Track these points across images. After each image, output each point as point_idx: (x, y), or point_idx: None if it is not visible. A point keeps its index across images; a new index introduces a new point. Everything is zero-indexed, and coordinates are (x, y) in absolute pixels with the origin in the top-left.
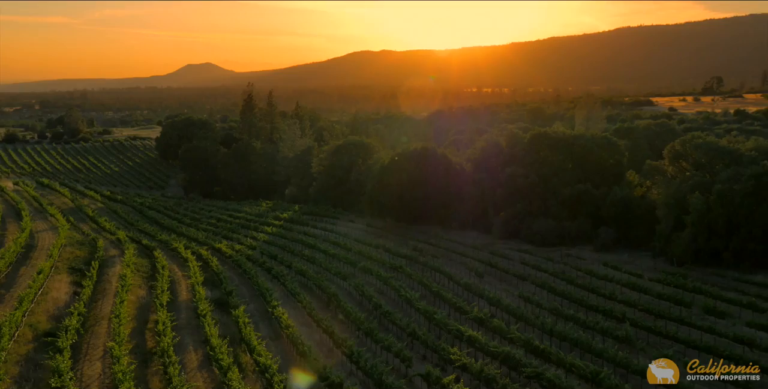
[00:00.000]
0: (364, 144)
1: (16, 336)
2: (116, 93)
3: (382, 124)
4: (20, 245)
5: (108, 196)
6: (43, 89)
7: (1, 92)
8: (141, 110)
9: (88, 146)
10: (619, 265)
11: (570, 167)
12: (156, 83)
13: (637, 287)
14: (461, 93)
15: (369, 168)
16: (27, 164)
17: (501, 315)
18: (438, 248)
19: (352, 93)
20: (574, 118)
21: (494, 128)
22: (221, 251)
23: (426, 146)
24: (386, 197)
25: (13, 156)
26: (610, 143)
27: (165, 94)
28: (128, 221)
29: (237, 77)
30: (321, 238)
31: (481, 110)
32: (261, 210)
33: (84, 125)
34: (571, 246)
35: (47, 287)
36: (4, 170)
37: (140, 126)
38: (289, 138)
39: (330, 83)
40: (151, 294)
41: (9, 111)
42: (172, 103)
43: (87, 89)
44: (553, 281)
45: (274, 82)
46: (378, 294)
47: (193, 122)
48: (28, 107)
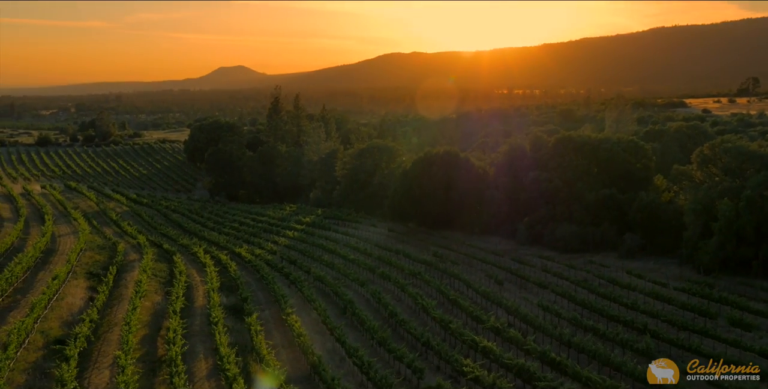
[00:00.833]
0: (387, 148)
1: (27, 343)
2: (150, 96)
3: (411, 126)
4: (39, 250)
5: (134, 199)
6: (79, 92)
7: (39, 96)
8: (173, 113)
9: (118, 149)
10: (643, 273)
11: (595, 171)
12: (189, 86)
13: (661, 296)
14: (492, 94)
15: (392, 172)
16: (58, 166)
17: (519, 325)
18: (459, 254)
19: (383, 95)
20: (604, 120)
21: (522, 130)
22: (241, 255)
23: (448, 149)
24: (408, 201)
25: (45, 159)
26: (636, 146)
27: (197, 96)
28: (151, 224)
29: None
30: (342, 243)
31: (511, 112)
32: (284, 214)
33: (115, 128)
34: (595, 253)
35: (63, 293)
36: (34, 173)
37: (171, 129)
38: (314, 141)
39: (361, 85)
40: (167, 300)
41: (46, 114)
42: (204, 105)
43: (122, 92)
44: (574, 290)
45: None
46: (395, 301)
47: (221, 125)
48: (65, 110)
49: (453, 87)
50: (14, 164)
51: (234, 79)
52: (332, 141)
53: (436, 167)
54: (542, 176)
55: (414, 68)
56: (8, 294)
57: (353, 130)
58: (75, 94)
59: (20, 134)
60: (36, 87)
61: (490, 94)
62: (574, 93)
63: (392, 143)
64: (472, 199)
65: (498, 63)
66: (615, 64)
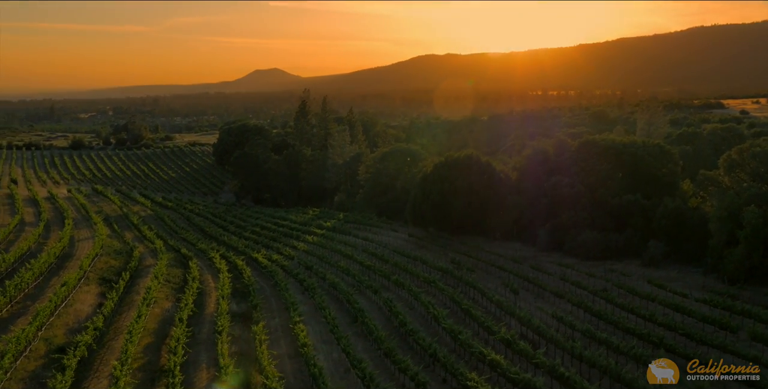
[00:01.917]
0: (410, 151)
1: (28, 351)
2: (186, 99)
3: (441, 128)
4: (53, 256)
5: (159, 202)
6: (118, 95)
7: (79, 99)
8: (208, 116)
9: (149, 152)
10: (665, 283)
11: (620, 176)
12: (225, 89)
13: (681, 308)
14: (526, 96)
15: (414, 176)
16: (89, 170)
17: (531, 336)
18: (477, 260)
19: (416, 97)
20: (636, 122)
21: (554, 132)
22: (258, 260)
23: (469, 153)
24: (428, 206)
25: (77, 162)
26: (662, 150)
27: (232, 99)
28: (173, 228)
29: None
30: (360, 248)
31: (543, 114)
32: (306, 218)
33: (147, 131)
34: (618, 260)
35: (72, 299)
36: (64, 177)
37: (203, 132)
38: (339, 145)
39: (394, 87)
40: (177, 307)
41: (85, 117)
42: (238, 108)
43: (159, 95)
44: (591, 300)
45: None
46: (408, 310)
47: (249, 128)
48: (103, 113)
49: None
50: (47, 167)
51: (269, 81)
52: (358, 144)
53: (457, 171)
54: (564, 181)
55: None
56: (18, 301)
57: (380, 133)
58: (113, 97)
59: (57, 137)
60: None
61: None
62: (609, 94)
63: (415, 147)
64: (494, 204)
65: (533, 64)
66: (652, 65)
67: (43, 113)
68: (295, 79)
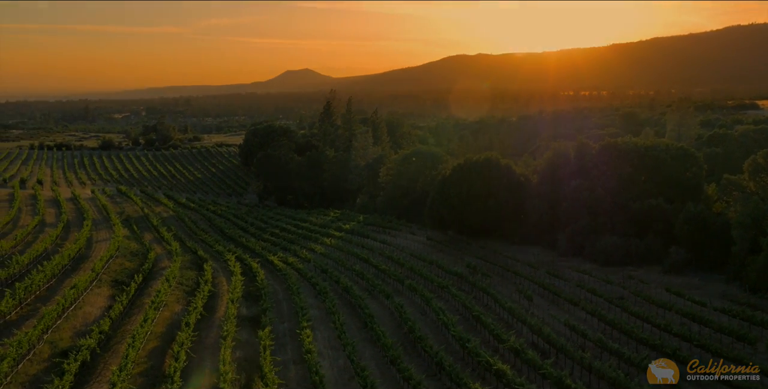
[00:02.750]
0: (431, 153)
1: (32, 354)
2: (218, 99)
3: (469, 129)
4: (67, 257)
5: (182, 203)
6: (151, 96)
7: (113, 99)
8: (238, 116)
9: (176, 153)
10: (683, 291)
11: (642, 179)
12: (256, 89)
13: (698, 318)
14: (557, 96)
15: (433, 178)
16: (116, 170)
17: (541, 345)
18: (494, 265)
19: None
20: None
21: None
22: (273, 263)
23: (489, 156)
24: (446, 209)
25: (105, 163)
26: (686, 154)
27: (263, 100)
28: (192, 230)
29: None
30: (378, 251)
31: (573, 114)
32: (326, 220)
33: (175, 132)
34: (638, 266)
35: (82, 302)
36: (92, 177)
37: (231, 132)
38: (361, 146)
39: (425, 88)
40: (186, 311)
41: (118, 118)
42: (269, 109)
43: (192, 96)
44: (606, 308)
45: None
46: (420, 315)
47: (274, 129)
48: (136, 114)
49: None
50: (75, 167)
51: (300, 82)
52: (381, 146)
53: (475, 174)
54: (584, 185)
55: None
56: (28, 303)
57: (405, 134)
58: (147, 97)
59: (90, 137)
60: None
61: (555, 95)
62: (642, 94)
63: (437, 149)
64: (513, 208)
65: (565, 64)
66: (687, 65)
67: (78, 114)
68: (326, 79)
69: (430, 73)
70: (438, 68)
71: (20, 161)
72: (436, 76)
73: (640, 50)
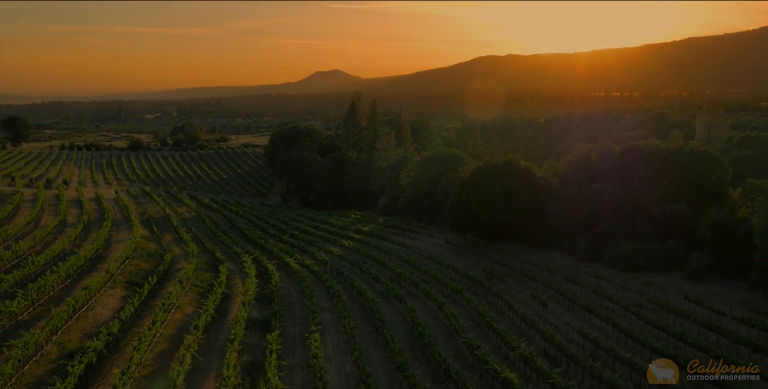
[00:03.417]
0: (453, 155)
1: (39, 355)
2: (249, 100)
3: (496, 131)
4: (83, 258)
5: (205, 204)
6: (183, 97)
7: (145, 100)
8: (267, 117)
9: (203, 154)
10: (702, 299)
11: (665, 183)
12: (287, 90)
13: (716, 327)
14: (588, 97)
15: (453, 181)
16: (143, 170)
17: (553, 352)
18: (511, 270)
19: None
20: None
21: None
22: (289, 265)
23: (509, 159)
24: (465, 212)
25: (132, 163)
26: (710, 157)
27: (293, 100)
28: (212, 231)
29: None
30: (395, 254)
31: (602, 116)
32: (346, 222)
33: (202, 132)
34: (659, 272)
35: (94, 303)
36: (118, 177)
37: (259, 133)
38: (384, 148)
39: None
40: (198, 313)
41: (150, 118)
42: (298, 109)
43: (222, 96)
44: (621, 315)
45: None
46: (433, 320)
47: (299, 130)
48: (167, 114)
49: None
50: (103, 168)
51: (330, 83)
52: (405, 147)
53: (494, 177)
54: (604, 189)
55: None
56: (41, 303)
57: (429, 136)
58: (179, 98)
59: (121, 137)
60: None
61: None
62: (675, 96)
63: (457, 151)
64: (532, 211)
65: (597, 65)
66: (722, 65)
67: (110, 114)
68: (356, 80)
69: (459, 74)
70: (467, 69)
71: (50, 161)
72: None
73: (673, 51)
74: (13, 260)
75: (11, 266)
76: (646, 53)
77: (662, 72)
